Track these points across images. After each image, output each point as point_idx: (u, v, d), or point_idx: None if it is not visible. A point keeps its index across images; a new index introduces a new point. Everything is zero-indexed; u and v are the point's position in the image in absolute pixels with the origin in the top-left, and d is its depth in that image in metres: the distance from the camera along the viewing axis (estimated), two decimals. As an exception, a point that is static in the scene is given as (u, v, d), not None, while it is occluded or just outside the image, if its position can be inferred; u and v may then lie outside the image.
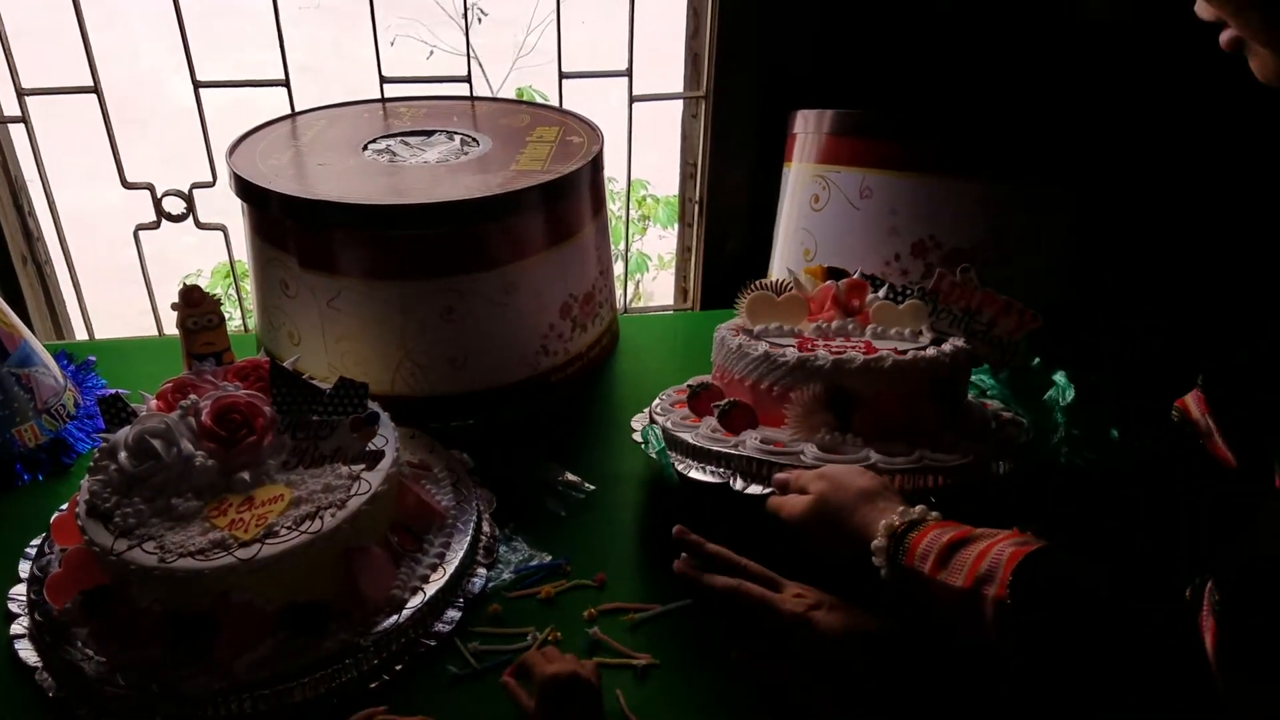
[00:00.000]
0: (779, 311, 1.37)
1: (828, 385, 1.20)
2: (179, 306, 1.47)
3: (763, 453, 1.20)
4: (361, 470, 1.17)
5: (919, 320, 1.32)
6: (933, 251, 1.57)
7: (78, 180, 2.36)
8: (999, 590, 0.87)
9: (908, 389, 1.20)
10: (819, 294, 1.39)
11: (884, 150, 1.59)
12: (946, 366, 1.22)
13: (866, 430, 1.20)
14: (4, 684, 1.12)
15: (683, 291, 2.19)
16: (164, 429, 1.15)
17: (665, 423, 1.32)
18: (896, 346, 1.26)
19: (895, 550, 0.97)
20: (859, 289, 1.38)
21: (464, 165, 1.52)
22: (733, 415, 1.27)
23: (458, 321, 1.45)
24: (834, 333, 1.33)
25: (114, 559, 1.06)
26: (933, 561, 0.93)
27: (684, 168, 2.02)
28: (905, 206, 1.58)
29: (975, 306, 1.31)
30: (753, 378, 1.26)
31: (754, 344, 1.28)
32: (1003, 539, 0.91)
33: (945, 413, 1.22)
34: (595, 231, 1.60)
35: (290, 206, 1.40)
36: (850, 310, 1.37)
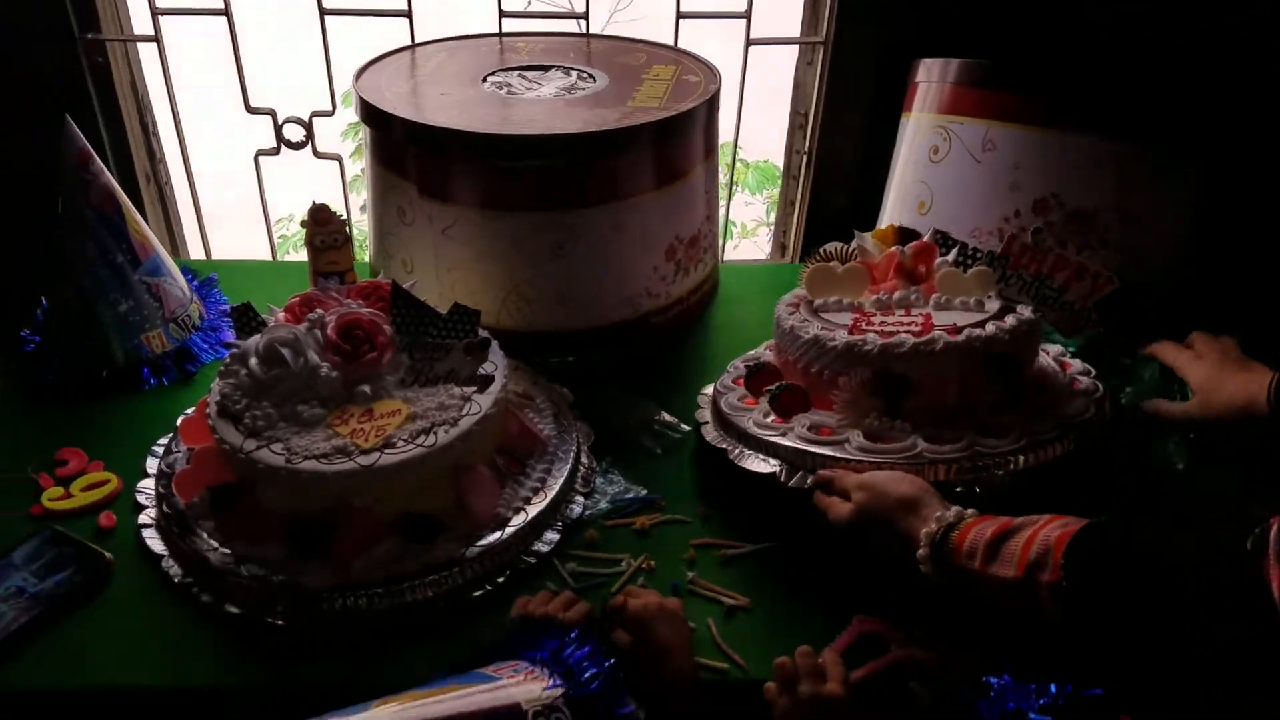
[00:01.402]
0: (839, 284, 1.35)
1: (876, 370, 1.19)
2: (308, 224, 1.53)
3: (808, 442, 1.21)
4: (473, 392, 1.21)
5: (985, 287, 1.28)
6: (1054, 210, 1.53)
7: (202, 103, 2.42)
8: (1053, 575, 0.88)
9: (961, 371, 1.19)
10: (883, 261, 1.37)
11: (1011, 103, 1.55)
12: (1005, 343, 1.19)
13: (917, 415, 1.19)
14: (132, 568, 1.19)
15: (781, 247, 2.19)
16: (292, 339, 1.20)
17: (724, 403, 1.34)
18: (956, 322, 1.23)
19: (940, 554, 0.99)
20: (926, 253, 1.35)
21: (580, 100, 1.55)
22: (783, 399, 1.27)
23: (566, 257, 1.48)
24: (895, 304, 1.30)
25: (243, 457, 1.12)
26: (981, 557, 0.94)
27: (793, 118, 2.02)
28: (1029, 162, 1.54)
29: (1047, 271, 1.25)
30: (804, 361, 1.26)
31: (805, 325, 1.27)
32: (1046, 524, 0.92)
33: (1003, 392, 1.20)
34: (705, 174, 1.62)
35: (412, 133, 1.44)
36: (916, 278, 1.34)
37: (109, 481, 1.29)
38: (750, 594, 1.17)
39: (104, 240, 1.44)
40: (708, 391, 1.45)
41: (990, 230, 1.57)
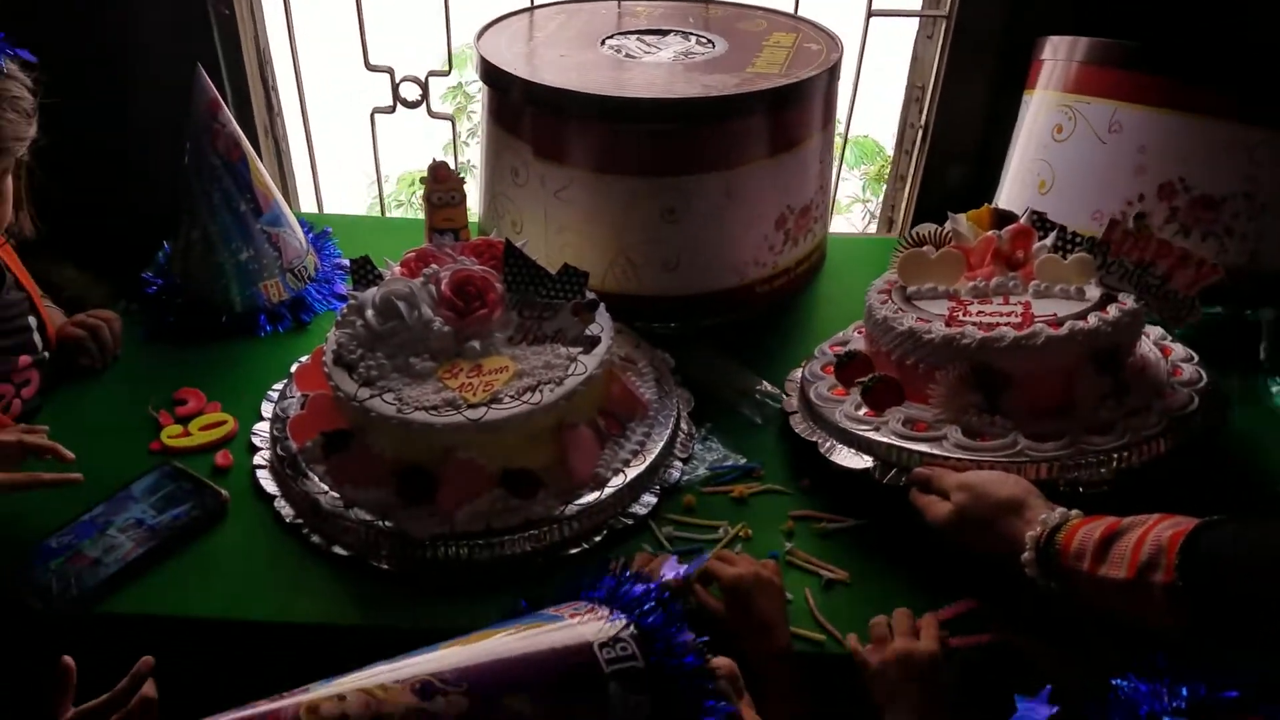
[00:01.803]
0: (934, 270, 1.32)
1: (975, 364, 1.16)
2: (426, 180, 1.55)
3: (903, 438, 1.19)
4: (579, 353, 1.23)
5: (1086, 275, 1.24)
6: (1180, 195, 1.50)
7: (317, 59, 2.47)
8: (1166, 576, 0.85)
9: (1063, 365, 1.16)
10: (979, 245, 1.33)
11: (1140, 83, 1.51)
12: (1108, 336, 1.15)
13: (1016, 411, 1.16)
14: (246, 507, 1.23)
15: (888, 222, 2.16)
16: (408, 292, 1.23)
17: (812, 393, 1.32)
18: (1057, 312, 1.20)
19: (1046, 557, 0.97)
20: (1024, 237, 1.31)
21: (698, 65, 1.54)
22: (876, 392, 1.25)
23: (677, 222, 1.48)
24: (992, 292, 1.27)
25: (356, 406, 1.15)
26: (1090, 558, 0.92)
27: (909, 91, 1.98)
28: (1156, 145, 1.51)
29: (1149, 258, 1.19)
30: (898, 352, 1.24)
31: (900, 316, 1.24)
32: (1156, 523, 0.90)
33: (1106, 385, 1.17)
34: (821, 144, 1.60)
35: (530, 93, 1.45)
36: (1013, 263, 1.30)
37: (226, 422, 1.33)
38: (849, 568, 1.16)
39: (229, 189, 1.48)
40: (795, 377, 1.43)
41: (1112, 213, 1.53)
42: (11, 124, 1.11)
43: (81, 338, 1.43)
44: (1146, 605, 0.88)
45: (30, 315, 1.37)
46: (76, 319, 1.46)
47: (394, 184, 3.68)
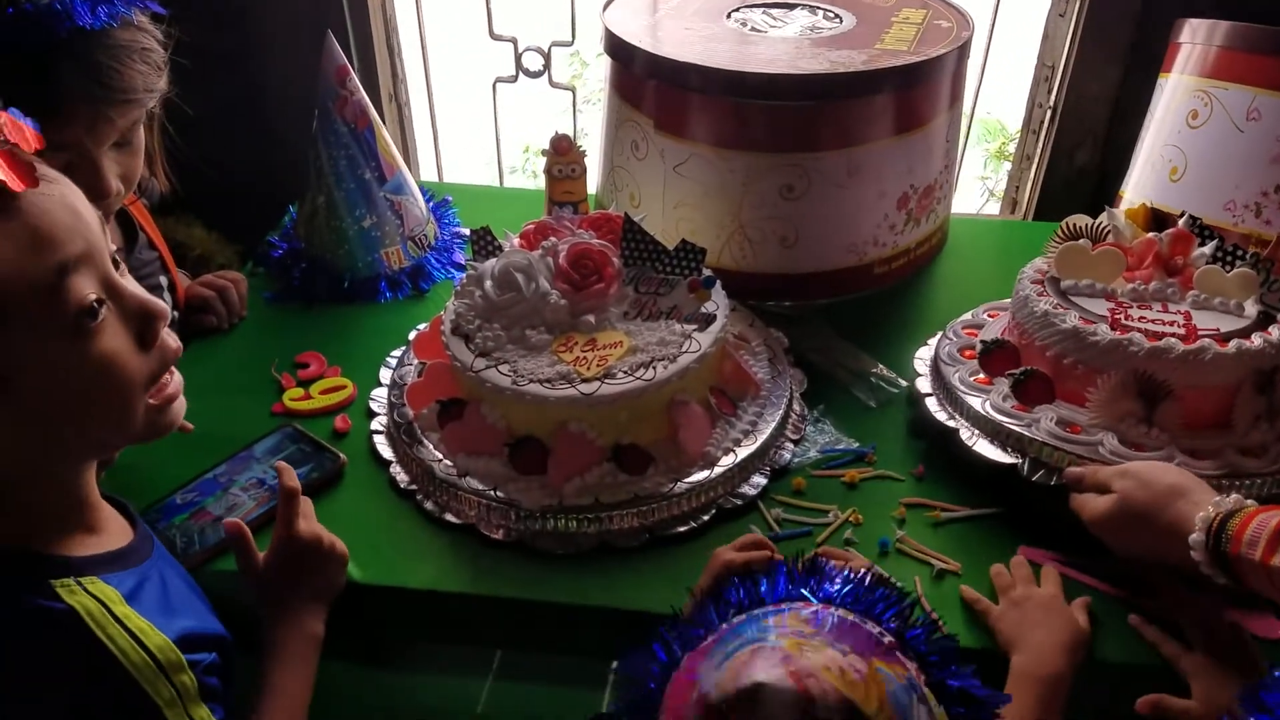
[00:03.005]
0: (1092, 267, 1.26)
1: (1138, 373, 1.12)
2: (548, 153, 1.56)
3: (1057, 439, 1.15)
4: (693, 330, 1.22)
5: (1247, 291, 1.19)
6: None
7: (440, 26, 2.50)
8: None
9: (1225, 383, 1.12)
10: (1139, 246, 1.28)
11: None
12: (1271, 358, 1.12)
13: (1173, 424, 1.13)
14: (362, 472, 1.25)
15: (1012, 202, 2.11)
16: (526, 264, 1.23)
17: (953, 378, 1.28)
18: (1219, 327, 1.16)
19: (1217, 542, 0.92)
20: (1184, 242, 1.25)
21: (826, 40, 1.51)
22: (1028, 386, 1.21)
23: (795, 200, 1.46)
24: (1151, 297, 1.22)
25: (472, 375, 1.17)
26: (1264, 547, 0.88)
27: (1039, 70, 1.93)
28: (1296, 135, 1.45)
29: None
30: (1057, 349, 1.19)
31: (1063, 313, 1.19)
32: None
33: (1262, 406, 1.13)
34: (948, 123, 1.56)
35: (653, 66, 1.45)
36: (1172, 269, 1.25)
37: (346, 387, 1.36)
38: (961, 559, 1.13)
39: (355, 155, 1.50)
40: (924, 356, 1.38)
41: (1246, 204, 1.50)
42: (143, 75, 1.12)
43: (210, 297, 1.47)
44: None
45: (162, 275, 1.42)
46: (204, 279, 1.50)
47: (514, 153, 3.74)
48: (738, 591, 0.81)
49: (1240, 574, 0.91)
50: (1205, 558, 0.93)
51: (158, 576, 0.90)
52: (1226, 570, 0.92)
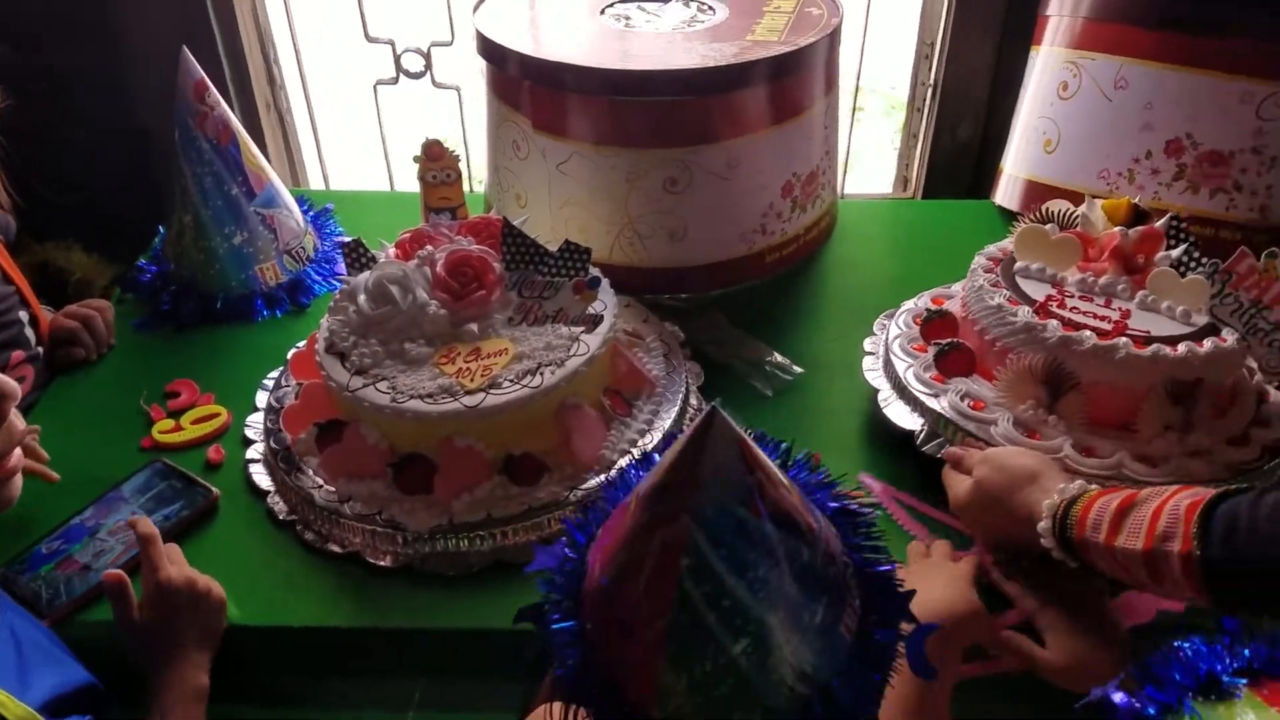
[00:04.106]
0: (1048, 252, 1.26)
1: (1048, 359, 1.13)
2: (420, 159, 1.52)
3: (955, 413, 1.17)
4: (581, 332, 1.19)
5: (1196, 300, 1.17)
6: (1188, 151, 1.48)
7: (321, 32, 2.44)
8: (1184, 545, 0.83)
9: (1134, 385, 1.11)
10: (1103, 238, 1.27)
11: (1145, 39, 1.48)
12: (1192, 370, 1.10)
13: (1074, 416, 1.13)
14: (238, 504, 1.20)
15: (903, 180, 2.12)
16: (402, 276, 1.19)
17: (894, 344, 1.29)
18: (1151, 330, 1.14)
19: (1063, 528, 0.93)
20: (1152, 241, 1.23)
21: (699, 34, 1.49)
22: (949, 358, 1.22)
23: (680, 193, 1.44)
24: (1098, 290, 1.21)
25: (349, 395, 1.12)
26: (1107, 529, 0.89)
27: (919, 48, 1.93)
28: (1162, 101, 1.48)
29: (1268, 301, 1.12)
30: (982, 324, 1.20)
31: (994, 290, 1.20)
32: (1174, 494, 0.87)
33: (1175, 417, 1.11)
34: (825, 110, 1.55)
35: (528, 67, 1.41)
36: (1131, 266, 1.24)
37: (219, 415, 1.30)
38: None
39: (219, 172, 1.45)
40: (888, 315, 1.38)
41: (1119, 171, 1.53)
42: None
43: (75, 329, 1.40)
44: (1165, 576, 0.85)
45: (21, 309, 1.34)
46: (68, 310, 1.43)
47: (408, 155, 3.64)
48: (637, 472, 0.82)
49: (1088, 558, 0.92)
50: (1054, 544, 0.94)
51: (8, 636, 0.84)
52: (1075, 555, 0.93)
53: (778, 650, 0.73)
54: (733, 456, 0.68)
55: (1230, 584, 0.82)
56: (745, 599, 0.70)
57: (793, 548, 0.73)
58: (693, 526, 0.68)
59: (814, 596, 0.75)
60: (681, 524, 0.68)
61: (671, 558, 0.69)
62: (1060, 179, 1.59)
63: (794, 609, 0.73)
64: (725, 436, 0.67)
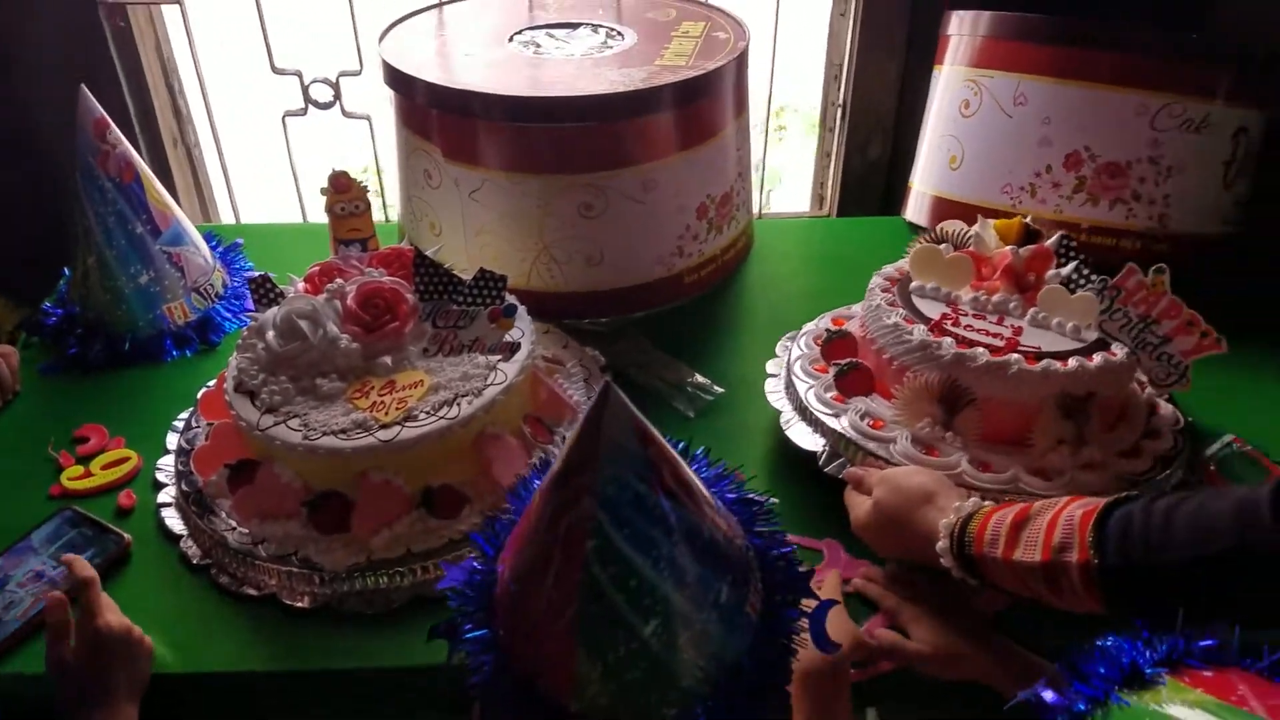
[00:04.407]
0: (942, 271, 1.28)
1: (943, 377, 1.14)
2: (327, 191, 1.50)
3: (856, 432, 1.18)
4: (498, 360, 1.18)
5: (1086, 316, 1.19)
6: (1086, 164, 1.51)
7: (227, 65, 2.40)
8: (1081, 554, 0.85)
9: (1027, 400, 1.13)
10: (995, 258, 1.29)
11: (1042, 56, 1.52)
12: (1083, 384, 1.12)
13: (970, 432, 1.15)
14: (152, 550, 1.17)
15: (819, 199, 2.14)
16: (311, 310, 1.17)
17: (796, 365, 1.30)
18: (1042, 345, 1.17)
19: (960, 545, 0.95)
20: (1042, 259, 1.26)
21: (607, 59, 1.50)
22: (849, 378, 1.24)
23: (595, 218, 1.44)
24: (991, 309, 1.24)
25: (259, 434, 1.10)
26: (1004, 544, 0.91)
27: (828, 69, 1.96)
28: (1060, 116, 1.52)
29: (1156, 315, 1.15)
30: (879, 344, 1.22)
31: (890, 310, 1.22)
32: (1067, 505, 0.90)
33: (1068, 431, 1.13)
34: (736, 132, 1.57)
35: (436, 96, 1.41)
36: (1024, 284, 1.26)
37: (129, 459, 1.27)
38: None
39: (123, 210, 1.41)
40: (790, 338, 1.39)
41: (1021, 186, 1.56)
42: None
43: None
44: (1064, 587, 0.87)
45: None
46: None
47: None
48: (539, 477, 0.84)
49: (987, 574, 0.94)
50: (953, 563, 0.96)
51: None
52: (974, 572, 0.95)
53: (687, 630, 0.74)
54: (629, 431, 0.69)
55: (1127, 590, 0.84)
56: (651, 578, 0.71)
57: (692, 524, 0.74)
58: (596, 507, 0.68)
59: (718, 574, 0.77)
60: (585, 506, 0.69)
61: (577, 542, 0.70)
62: (966, 195, 1.62)
63: (699, 587, 0.75)
64: (621, 411, 0.68)
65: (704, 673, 0.77)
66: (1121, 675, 0.71)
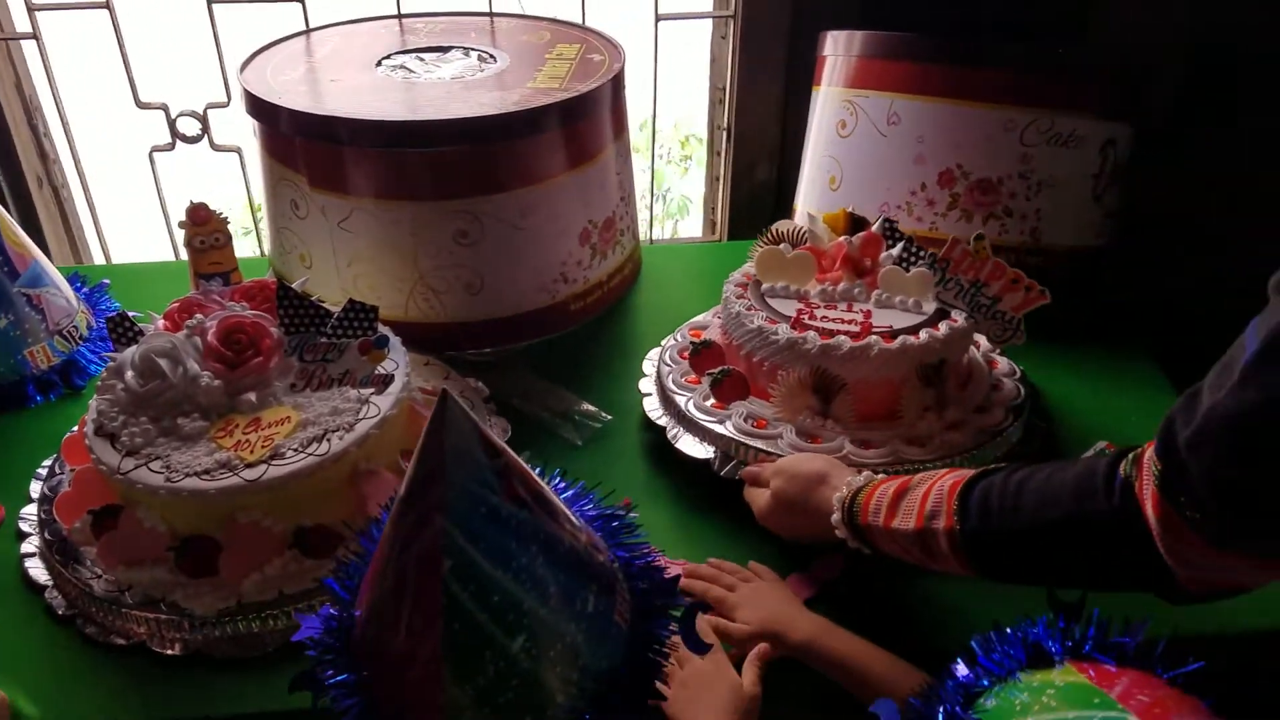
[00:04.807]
0: (787, 270, 1.34)
1: (814, 369, 1.20)
2: (185, 225, 1.45)
3: (744, 434, 1.23)
4: (371, 394, 1.15)
5: (924, 290, 1.28)
6: (959, 181, 1.53)
7: (92, 101, 2.33)
8: (947, 521, 0.92)
9: (892, 377, 1.21)
10: (832, 249, 1.35)
11: (913, 75, 1.53)
12: (936, 352, 1.21)
13: (846, 415, 1.22)
14: (15, 602, 1.12)
15: (711, 224, 2.15)
16: (170, 348, 1.13)
17: (669, 380, 1.34)
18: (893, 324, 1.24)
19: (850, 518, 1.02)
20: (873, 244, 1.33)
21: (480, 82, 1.48)
22: (724, 385, 1.29)
23: (472, 245, 1.41)
24: (839, 297, 1.30)
25: (121, 478, 1.05)
26: (885, 514, 0.98)
27: (712, 93, 1.97)
28: (933, 134, 1.53)
29: (984, 279, 1.26)
30: (747, 348, 1.27)
31: (751, 314, 1.27)
32: (942, 476, 0.97)
33: (930, 398, 1.22)
34: (616, 155, 1.56)
35: (299, 123, 1.37)
36: (861, 270, 1.33)
37: (-11, 509, 1.20)
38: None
39: (-24, 253, 1.35)
40: (653, 357, 1.43)
41: (898, 205, 1.58)
42: None
43: None
44: (935, 553, 0.94)
45: None
46: None
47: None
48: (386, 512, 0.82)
49: (874, 542, 1.01)
50: (847, 533, 1.03)
51: None
52: (866, 541, 1.02)
53: (556, 643, 0.72)
54: (473, 441, 0.67)
55: (987, 554, 0.91)
56: (514, 591, 0.69)
57: (551, 533, 0.72)
58: (447, 524, 0.66)
59: (582, 583, 0.75)
60: (436, 525, 0.66)
61: (433, 563, 0.68)
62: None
63: (564, 598, 0.73)
64: (462, 420, 0.66)
65: (579, 686, 0.76)
66: (1027, 656, 0.75)
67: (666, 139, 3.44)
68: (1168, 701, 0.66)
